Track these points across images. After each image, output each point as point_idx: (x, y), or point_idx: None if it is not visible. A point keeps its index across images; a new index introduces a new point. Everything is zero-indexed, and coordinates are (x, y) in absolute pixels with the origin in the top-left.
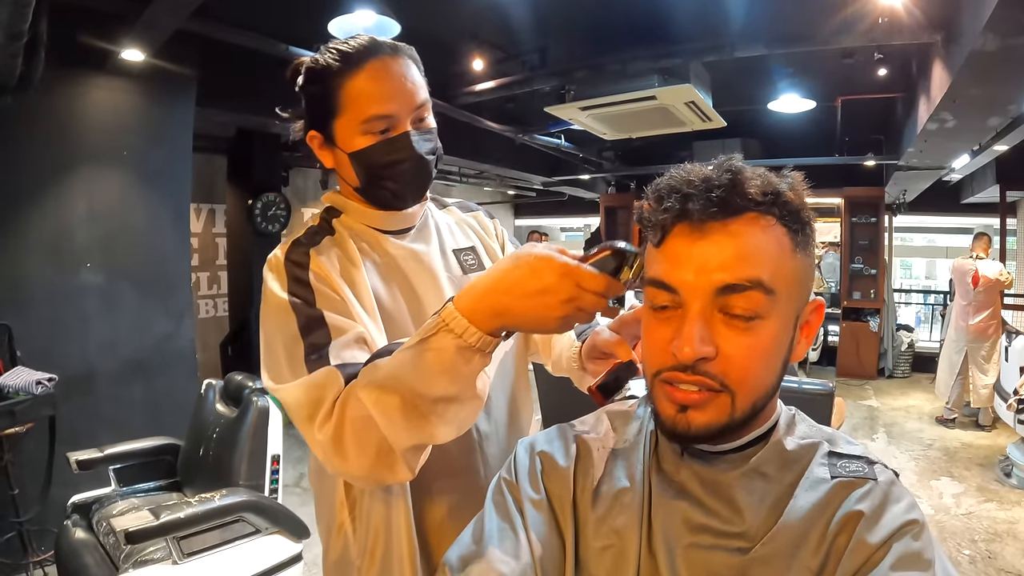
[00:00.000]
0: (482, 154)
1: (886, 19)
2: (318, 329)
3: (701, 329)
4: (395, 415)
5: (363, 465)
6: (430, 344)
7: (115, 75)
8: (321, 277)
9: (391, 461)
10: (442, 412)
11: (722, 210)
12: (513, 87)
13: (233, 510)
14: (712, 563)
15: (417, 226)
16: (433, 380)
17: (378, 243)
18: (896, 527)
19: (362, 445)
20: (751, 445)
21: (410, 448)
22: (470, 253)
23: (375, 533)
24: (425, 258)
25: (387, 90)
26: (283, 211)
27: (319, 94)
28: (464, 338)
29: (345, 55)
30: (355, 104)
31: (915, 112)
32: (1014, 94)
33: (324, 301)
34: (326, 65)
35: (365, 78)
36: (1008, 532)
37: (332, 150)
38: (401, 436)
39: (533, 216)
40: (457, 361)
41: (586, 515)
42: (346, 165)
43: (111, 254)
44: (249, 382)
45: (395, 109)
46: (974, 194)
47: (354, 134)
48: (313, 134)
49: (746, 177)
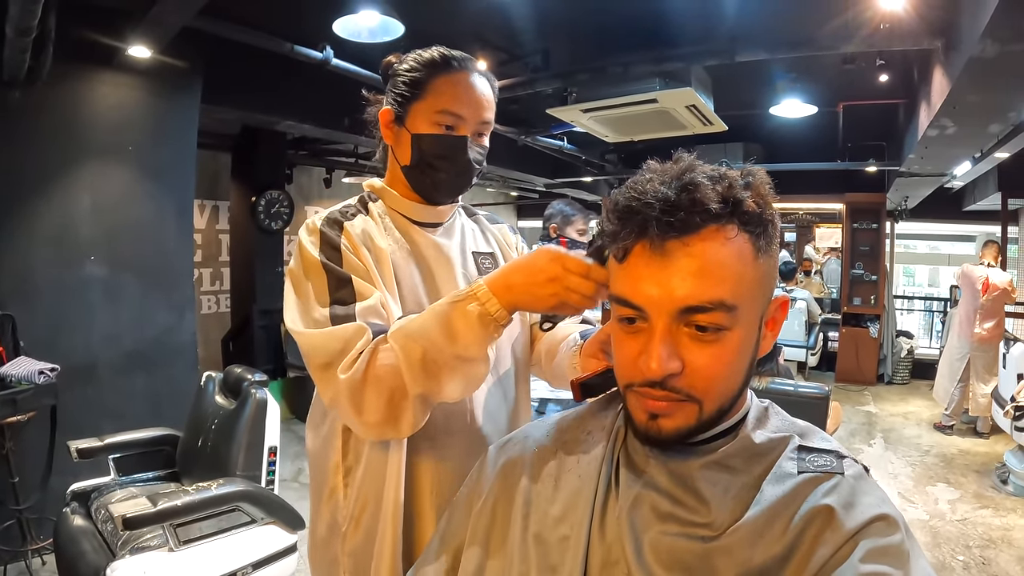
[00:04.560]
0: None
1: (887, 25)
2: (344, 288)
3: (666, 347)
4: (415, 363)
5: (375, 411)
6: (458, 307)
7: (121, 71)
8: (351, 247)
9: (401, 410)
10: (455, 367)
11: (682, 230)
12: (516, 89)
13: (229, 499)
14: (676, 549)
15: (445, 224)
16: (456, 338)
17: (406, 230)
18: (865, 521)
19: (379, 392)
20: (718, 438)
21: (419, 396)
22: (488, 258)
23: (364, 499)
24: (446, 252)
25: (467, 97)
26: (286, 209)
27: (413, 78)
28: (487, 307)
29: (447, 58)
30: (437, 96)
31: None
32: (1014, 101)
33: (351, 267)
34: (431, 58)
35: (455, 80)
36: (1003, 539)
37: (398, 128)
38: (417, 381)
39: (535, 218)
40: (479, 325)
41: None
42: (405, 144)
43: (115, 248)
44: (248, 375)
45: (466, 113)
46: (976, 201)
47: (425, 120)
48: (387, 111)
49: (705, 191)
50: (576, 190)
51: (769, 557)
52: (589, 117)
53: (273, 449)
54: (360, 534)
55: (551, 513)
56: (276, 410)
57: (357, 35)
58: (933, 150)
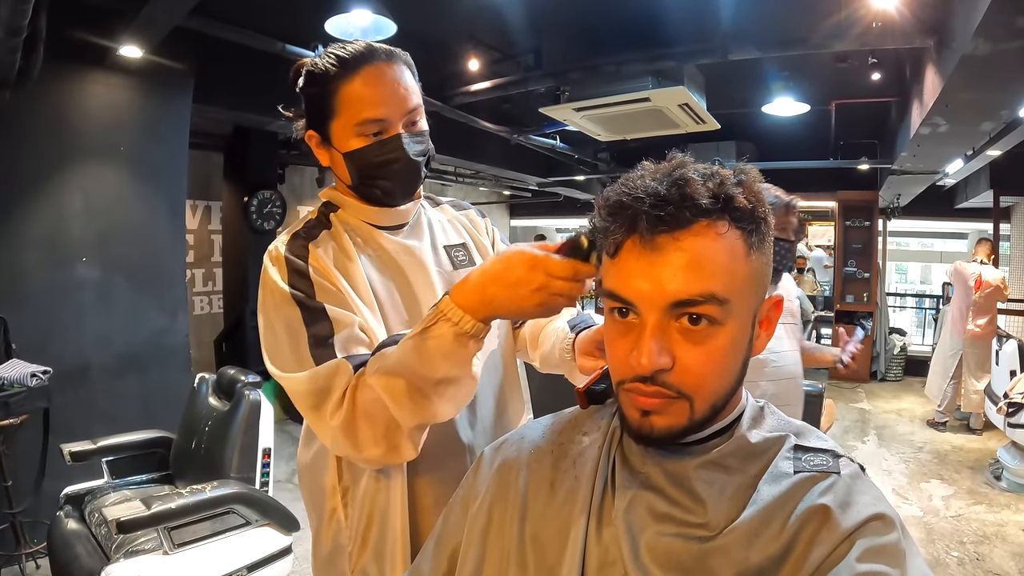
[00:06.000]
0: (478, 154)
1: (879, 23)
2: (320, 321)
3: (657, 342)
4: (402, 397)
5: (374, 446)
6: (431, 333)
7: (113, 71)
8: (319, 270)
9: (398, 440)
10: (443, 392)
11: (672, 224)
12: (508, 88)
13: (224, 501)
14: (673, 549)
15: (410, 223)
16: (435, 364)
17: (372, 238)
18: (861, 520)
19: (373, 427)
20: (713, 438)
21: (415, 427)
22: (461, 249)
23: (368, 518)
24: (416, 253)
25: (380, 95)
26: (279, 209)
27: (317, 96)
28: (460, 326)
29: (342, 60)
30: (350, 107)
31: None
32: (1006, 99)
33: (323, 294)
34: (324, 69)
35: (360, 83)
36: (997, 534)
37: (328, 149)
38: (407, 415)
39: (528, 217)
40: (455, 346)
41: (540, 513)
42: (341, 164)
43: (107, 249)
44: (242, 376)
45: (387, 113)
46: (968, 199)
47: (349, 135)
48: (311, 133)
49: (695, 187)
50: (569, 189)
51: (766, 557)
52: (582, 116)
53: (267, 451)
54: (368, 552)
55: (548, 514)
56: (270, 411)
57: (349, 34)
58: (925, 148)
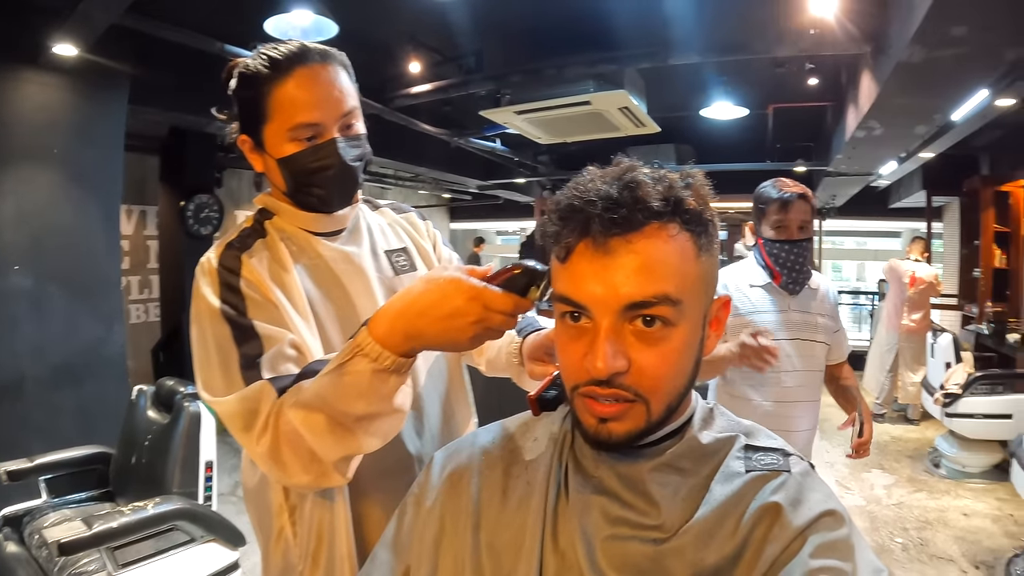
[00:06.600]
0: (418, 157)
1: (817, 31)
2: (251, 340)
3: (612, 345)
4: (322, 432)
5: (300, 474)
6: (347, 368)
7: (46, 70)
8: (252, 283)
9: (325, 469)
10: (366, 427)
11: (624, 227)
12: (450, 90)
13: (167, 518)
14: (629, 553)
15: (349, 228)
16: (353, 402)
17: (310, 245)
18: (813, 517)
19: (297, 455)
20: (666, 439)
21: (339, 459)
22: (402, 254)
23: (317, 537)
24: (356, 260)
25: (314, 98)
26: (216, 213)
27: (249, 99)
28: (378, 362)
29: (275, 62)
30: (283, 111)
31: (844, 120)
32: (939, 104)
33: (255, 309)
34: (256, 71)
35: (293, 85)
36: (939, 520)
37: (262, 155)
38: (329, 450)
39: (468, 220)
40: (374, 383)
41: (494, 520)
42: (274, 170)
43: (40, 256)
44: (181, 387)
45: (321, 117)
46: (901, 199)
47: (282, 140)
48: (244, 138)
49: (647, 189)
50: (509, 191)
51: (721, 557)
52: (522, 119)
53: (209, 464)
54: (320, 572)
55: (502, 521)
56: (211, 423)
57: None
58: (860, 151)
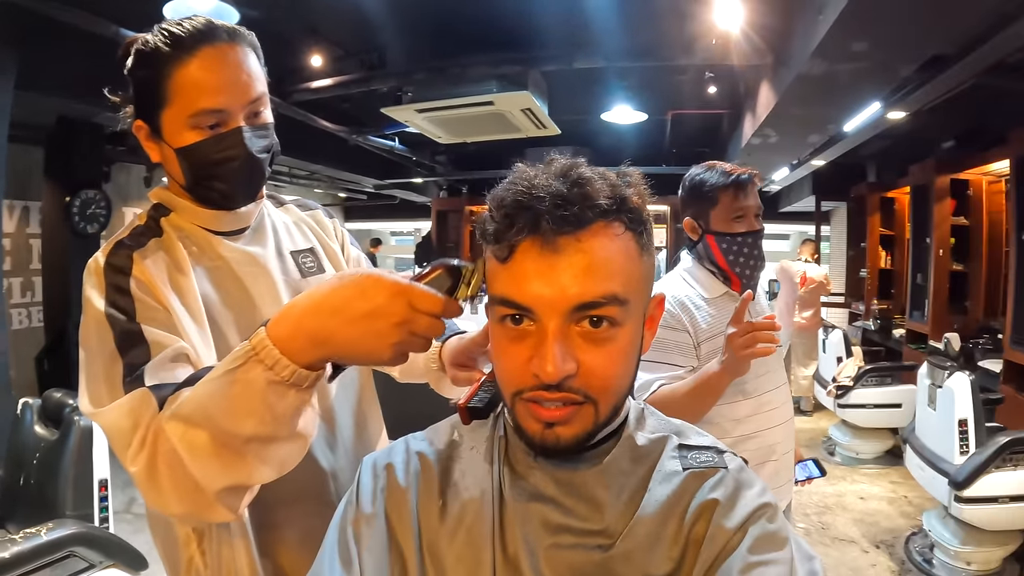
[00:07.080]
0: (314, 154)
1: (719, 41)
2: (137, 346)
3: (561, 347)
4: (204, 453)
5: (179, 502)
6: (238, 376)
7: None
8: (143, 284)
9: (205, 501)
10: (258, 451)
11: (575, 224)
12: (351, 86)
13: (63, 544)
14: (575, 562)
15: (252, 226)
16: (241, 419)
17: (210, 245)
18: (750, 511)
19: (176, 481)
20: (604, 442)
21: (224, 489)
22: (309, 255)
23: (228, 568)
24: (261, 261)
25: (220, 81)
26: (103, 210)
27: (147, 80)
28: (275, 371)
29: (177, 39)
30: (184, 95)
31: (740, 127)
32: (834, 114)
33: (145, 313)
34: (155, 48)
35: (197, 66)
36: (837, 504)
37: (159, 143)
38: (212, 477)
39: (364, 220)
40: (268, 397)
41: (434, 530)
42: (173, 161)
43: None
44: (69, 399)
45: (227, 103)
46: (792, 203)
47: (182, 127)
48: (140, 124)
49: (595, 186)
50: (406, 191)
51: (668, 558)
52: (424, 117)
53: (104, 482)
54: None
55: (442, 533)
56: (103, 438)
57: None
58: (755, 157)
